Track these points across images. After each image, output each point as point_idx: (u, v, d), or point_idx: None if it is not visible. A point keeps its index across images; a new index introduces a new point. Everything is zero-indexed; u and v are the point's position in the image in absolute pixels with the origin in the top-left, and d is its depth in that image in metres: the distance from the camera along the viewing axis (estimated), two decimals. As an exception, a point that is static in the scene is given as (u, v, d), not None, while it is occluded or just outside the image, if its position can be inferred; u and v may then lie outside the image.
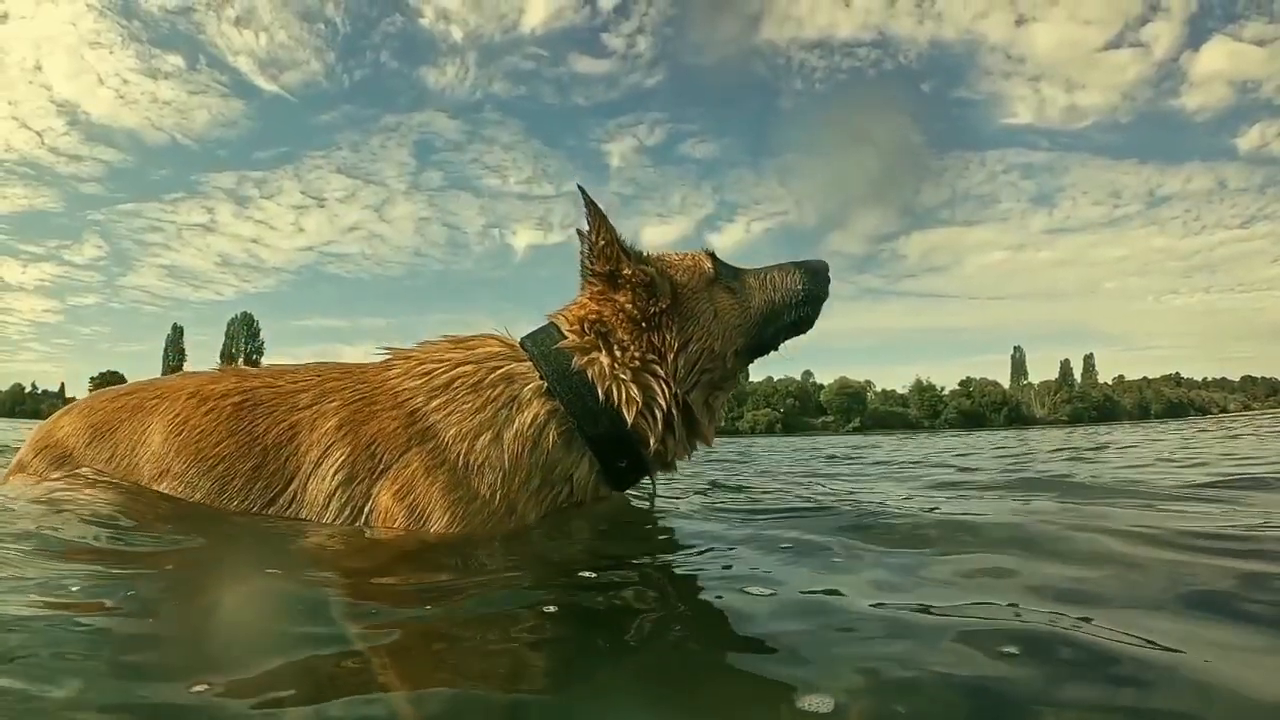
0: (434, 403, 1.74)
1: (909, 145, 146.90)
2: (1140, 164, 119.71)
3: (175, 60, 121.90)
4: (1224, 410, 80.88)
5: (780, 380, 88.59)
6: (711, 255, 2.01)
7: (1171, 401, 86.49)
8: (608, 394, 1.77)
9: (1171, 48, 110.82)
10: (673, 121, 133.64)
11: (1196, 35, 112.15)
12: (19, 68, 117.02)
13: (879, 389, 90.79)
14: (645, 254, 1.95)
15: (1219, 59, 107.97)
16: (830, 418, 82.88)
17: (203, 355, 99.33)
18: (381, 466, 1.70)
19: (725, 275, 1.99)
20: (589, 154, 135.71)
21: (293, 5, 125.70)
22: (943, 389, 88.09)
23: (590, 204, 1.82)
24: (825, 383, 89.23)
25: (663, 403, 1.80)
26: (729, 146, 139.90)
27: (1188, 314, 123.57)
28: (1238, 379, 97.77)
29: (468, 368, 1.80)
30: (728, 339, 1.92)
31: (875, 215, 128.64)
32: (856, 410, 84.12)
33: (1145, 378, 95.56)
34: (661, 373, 1.82)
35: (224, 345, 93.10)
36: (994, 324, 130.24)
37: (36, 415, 72.37)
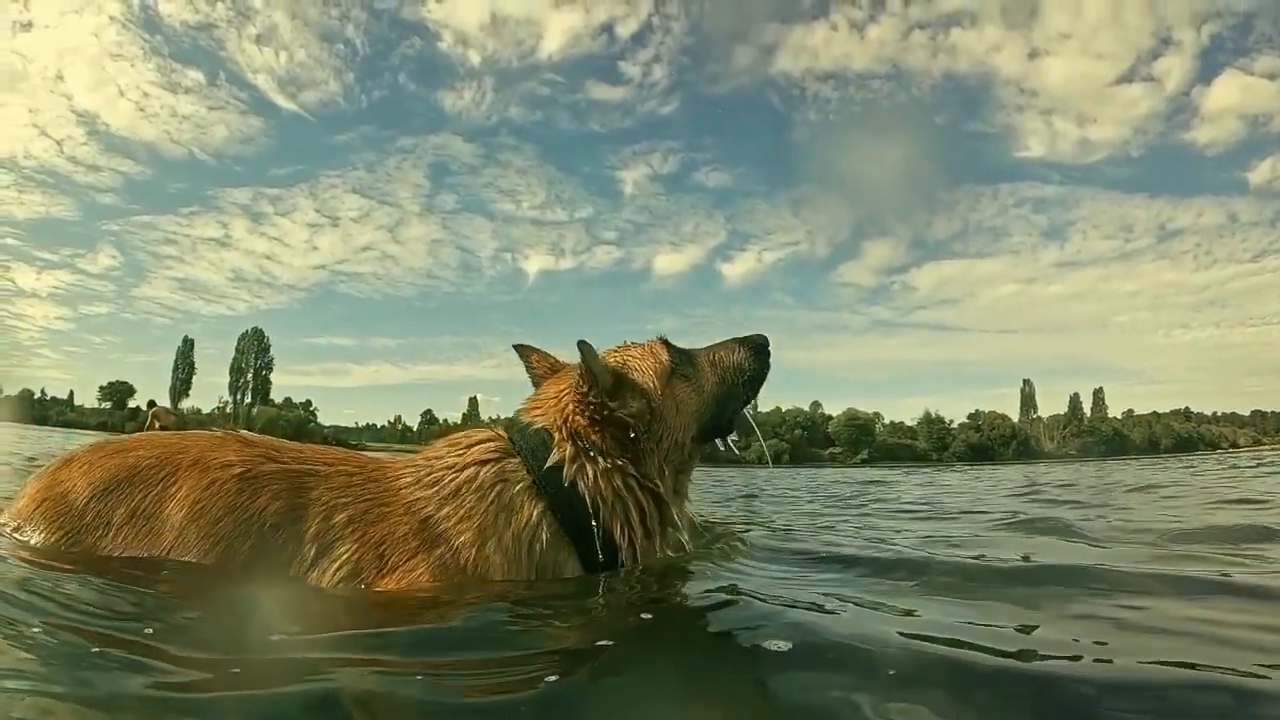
0: (444, 510, 1.86)
1: (921, 177, 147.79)
2: (1151, 198, 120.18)
3: (195, 75, 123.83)
4: (1234, 445, 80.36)
5: (789, 411, 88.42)
6: (665, 343, 2.15)
7: (1181, 436, 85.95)
8: (595, 506, 1.91)
9: (1183, 82, 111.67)
10: (686, 150, 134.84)
11: (1208, 69, 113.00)
12: (41, 76, 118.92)
13: (887, 421, 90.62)
14: (607, 357, 2.10)
15: (1230, 93, 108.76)
16: (838, 449, 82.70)
17: (212, 368, 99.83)
18: (389, 568, 1.79)
19: (680, 363, 2.10)
20: (603, 180, 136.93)
21: (313, 25, 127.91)
22: (951, 422, 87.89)
23: (587, 355, 1.97)
24: (834, 414, 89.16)
25: (642, 508, 1.96)
26: (742, 176, 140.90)
27: (1198, 348, 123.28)
28: (1248, 413, 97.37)
29: (470, 471, 1.93)
30: (687, 429, 2.04)
31: (887, 247, 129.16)
32: (865, 442, 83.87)
33: (1155, 412, 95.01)
34: (637, 474, 1.96)
35: (234, 360, 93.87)
36: (1004, 357, 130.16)
37: (44, 422, 73.29)
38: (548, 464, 1.93)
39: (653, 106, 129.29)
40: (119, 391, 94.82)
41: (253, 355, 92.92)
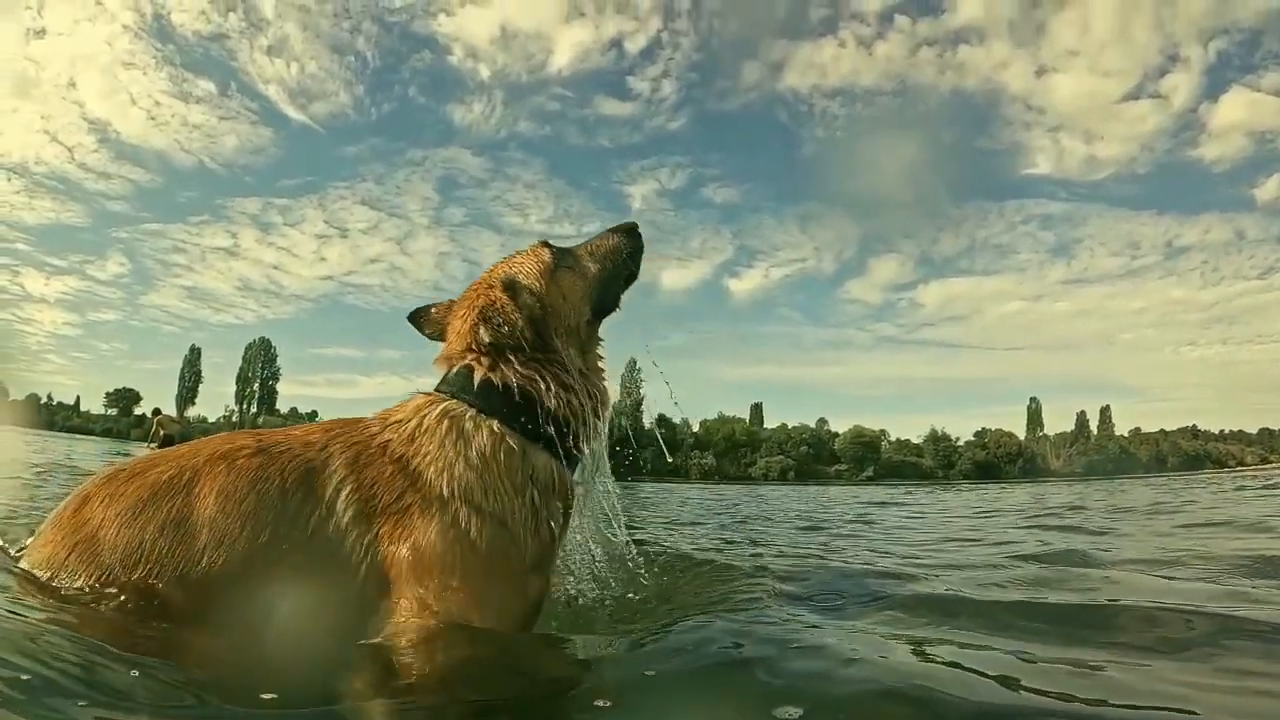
0: (410, 450, 2.00)
1: (929, 194, 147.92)
2: (1158, 215, 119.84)
3: (207, 85, 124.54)
4: (1241, 463, 79.86)
5: (794, 428, 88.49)
6: (547, 244, 2.30)
7: (1188, 454, 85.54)
8: (531, 397, 2.06)
9: (1190, 98, 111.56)
10: (695, 166, 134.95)
11: (1215, 86, 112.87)
12: (53, 83, 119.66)
13: (893, 438, 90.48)
14: (495, 270, 2.28)
15: (1237, 109, 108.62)
16: (844, 466, 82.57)
17: (219, 377, 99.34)
18: (382, 508, 1.91)
19: (561, 257, 2.26)
20: (611, 195, 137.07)
21: (324, 37, 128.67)
22: (958, 439, 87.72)
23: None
24: (840, 431, 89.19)
25: (569, 385, 2.11)
26: (750, 192, 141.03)
27: (1205, 365, 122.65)
28: (1255, 431, 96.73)
29: (417, 418, 2.06)
30: (580, 312, 2.21)
31: (893, 264, 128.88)
32: (870, 459, 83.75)
33: (1162, 430, 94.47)
34: (550, 360, 2.12)
35: (240, 369, 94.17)
36: (1010, 374, 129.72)
37: (51, 426, 73.21)
38: (476, 384, 2.08)
39: (661, 122, 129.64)
40: (125, 398, 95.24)
41: (259, 365, 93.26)
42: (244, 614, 1.82)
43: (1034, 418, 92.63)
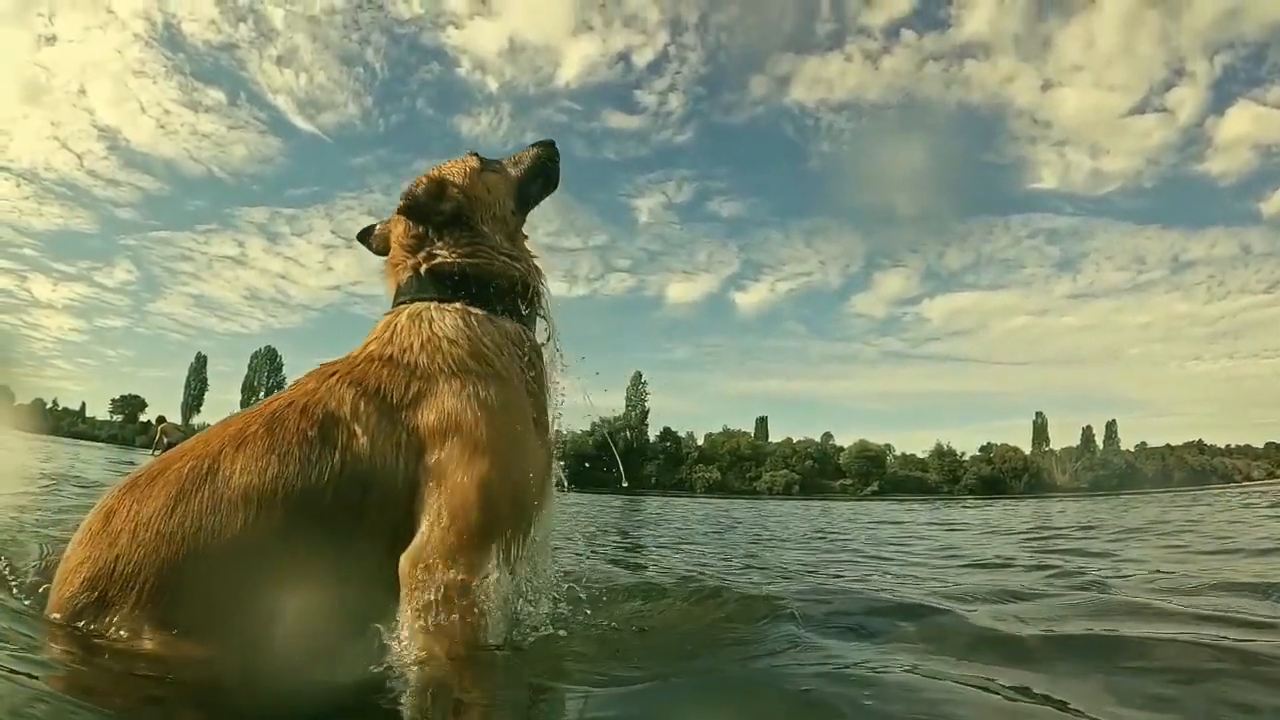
0: (395, 350, 2.13)
1: (934, 209, 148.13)
2: (1164, 229, 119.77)
3: (216, 94, 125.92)
4: (1247, 478, 79.34)
5: (799, 442, 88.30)
6: (476, 155, 2.52)
7: (1194, 469, 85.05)
8: (467, 270, 2.26)
9: (1196, 112, 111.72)
10: (701, 179, 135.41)
11: (1221, 100, 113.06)
12: (64, 90, 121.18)
13: (899, 453, 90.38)
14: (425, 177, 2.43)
15: (1243, 123, 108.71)
16: (849, 481, 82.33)
17: (225, 385, 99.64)
18: (395, 403, 2.01)
19: (487, 163, 2.50)
20: (618, 208, 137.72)
21: (334, 48, 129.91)
22: (963, 454, 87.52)
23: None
24: (845, 445, 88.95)
25: (495, 254, 2.32)
26: (756, 206, 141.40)
27: (1211, 380, 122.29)
28: (1261, 445, 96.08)
29: (389, 329, 2.22)
30: (504, 204, 2.43)
31: (899, 278, 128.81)
32: (875, 474, 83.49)
33: (1168, 444, 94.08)
34: (479, 242, 2.32)
35: (246, 377, 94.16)
36: (1016, 389, 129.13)
37: (56, 432, 72.86)
38: (424, 279, 2.28)
39: (668, 135, 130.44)
40: (130, 405, 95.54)
41: (265, 374, 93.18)
42: (309, 568, 1.84)
43: (1039, 432, 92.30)
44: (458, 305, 2.21)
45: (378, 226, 2.59)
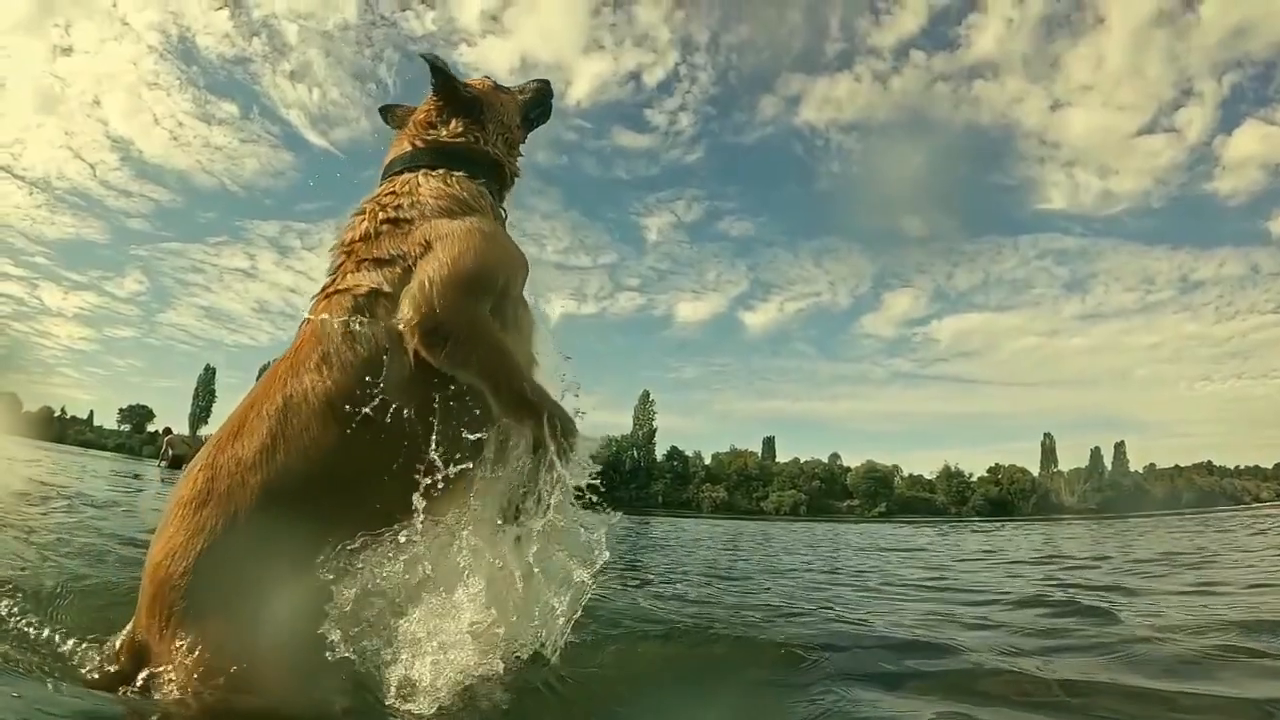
0: (392, 213, 2.24)
1: (943, 229, 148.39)
2: (1173, 250, 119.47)
3: (230, 108, 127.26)
4: (1257, 499, 78.70)
5: (807, 462, 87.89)
6: (489, 78, 2.80)
7: (1203, 490, 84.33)
8: (460, 147, 2.51)
9: (1204, 132, 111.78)
10: (710, 199, 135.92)
11: (1229, 119, 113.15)
12: (78, 100, 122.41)
13: (906, 474, 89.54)
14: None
15: (1251, 143, 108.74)
16: (856, 502, 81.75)
17: (233, 397, 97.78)
18: (401, 256, 2.10)
19: (502, 86, 2.80)
20: (627, 227, 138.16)
21: (346, 64, 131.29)
22: (971, 475, 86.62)
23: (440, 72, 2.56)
24: (852, 466, 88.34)
25: (492, 148, 2.59)
26: (765, 225, 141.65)
27: (1220, 400, 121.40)
28: (1271, 466, 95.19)
29: (381, 198, 2.35)
30: (511, 117, 2.73)
31: (908, 299, 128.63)
32: (883, 495, 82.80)
33: (1177, 465, 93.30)
34: (484, 134, 2.58)
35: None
36: (1025, 410, 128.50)
37: (62, 440, 73.33)
38: (419, 151, 2.49)
39: (678, 154, 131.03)
40: (138, 415, 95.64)
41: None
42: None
43: (1048, 454, 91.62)
44: (441, 171, 2.40)
45: (401, 109, 2.77)
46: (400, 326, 1.95)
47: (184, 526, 1.78)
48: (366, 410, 1.89)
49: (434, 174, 2.38)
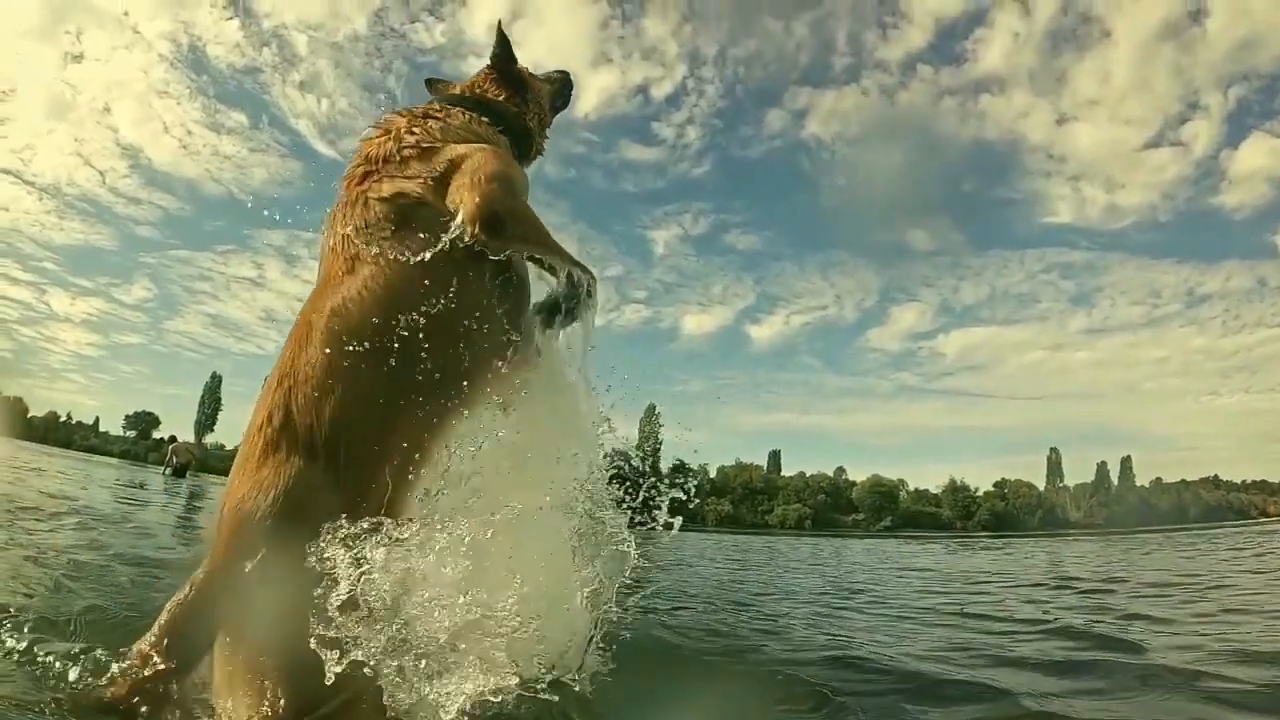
0: (419, 138, 2.40)
1: (949, 243, 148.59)
2: (1179, 263, 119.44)
3: (239, 117, 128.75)
4: (1264, 514, 78.12)
5: (812, 476, 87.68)
6: (522, 68, 2.97)
7: (1210, 505, 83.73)
8: (496, 103, 2.77)
9: (1210, 146, 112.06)
10: (718, 212, 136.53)
11: (1235, 133, 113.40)
12: (89, 108, 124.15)
13: (912, 488, 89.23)
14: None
15: (1258, 156, 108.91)
16: (861, 516, 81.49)
17: (238, 405, 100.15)
18: (431, 182, 2.26)
19: (537, 75, 3.04)
20: (634, 239, 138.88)
21: (355, 75, 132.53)
22: (976, 490, 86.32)
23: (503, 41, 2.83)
24: (858, 480, 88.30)
25: (527, 106, 2.85)
26: (772, 239, 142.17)
27: (1227, 414, 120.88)
28: (1277, 480, 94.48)
29: (401, 128, 2.50)
30: (545, 99, 3.01)
31: (914, 312, 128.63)
32: (888, 509, 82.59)
33: (1183, 480, 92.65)
34: (522, 106, 2.84)
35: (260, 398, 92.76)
36: (1031, 424, 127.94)
37: (68, 445, 73.39)
38: (464, 92, 2.79)
39: (685, 168, 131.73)
40: (144, 421, 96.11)
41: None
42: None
43: (1054, 468, 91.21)
44: (476, 115, 2.61)
45: (444, 83, 2.99)
46: (460, 218, 2.14)
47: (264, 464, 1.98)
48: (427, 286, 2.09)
49: (468, 112, 2.61)
